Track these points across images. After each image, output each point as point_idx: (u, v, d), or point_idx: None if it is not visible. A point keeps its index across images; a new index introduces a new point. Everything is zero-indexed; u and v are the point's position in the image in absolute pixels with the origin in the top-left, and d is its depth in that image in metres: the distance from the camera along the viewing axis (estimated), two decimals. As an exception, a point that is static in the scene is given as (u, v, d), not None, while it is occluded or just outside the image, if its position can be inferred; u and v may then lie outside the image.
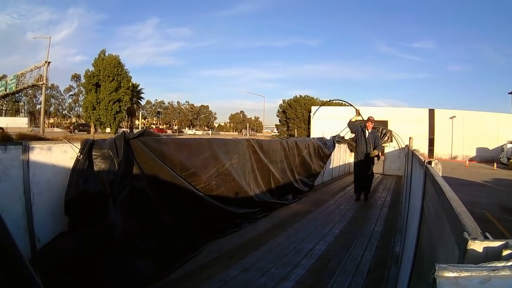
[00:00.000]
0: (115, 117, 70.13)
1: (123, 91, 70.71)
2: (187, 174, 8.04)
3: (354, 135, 15.08)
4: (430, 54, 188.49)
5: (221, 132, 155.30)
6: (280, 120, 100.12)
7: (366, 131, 13.89)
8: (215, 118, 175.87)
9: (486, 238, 1.09)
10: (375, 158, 14.05)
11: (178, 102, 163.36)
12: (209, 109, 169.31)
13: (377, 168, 25.71)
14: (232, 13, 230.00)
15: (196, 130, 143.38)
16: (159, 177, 7.33)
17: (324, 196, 14.38)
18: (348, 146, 24.66)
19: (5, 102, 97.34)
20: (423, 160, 4.08)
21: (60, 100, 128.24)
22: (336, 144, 20.22)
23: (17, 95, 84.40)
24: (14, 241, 1.42)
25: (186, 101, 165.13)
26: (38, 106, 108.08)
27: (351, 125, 14.35)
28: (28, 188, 5.05)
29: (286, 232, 8.73)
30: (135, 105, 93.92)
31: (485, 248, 1.04)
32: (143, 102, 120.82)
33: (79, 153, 5.65)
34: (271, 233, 8.59)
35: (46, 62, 57.32)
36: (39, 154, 5.29)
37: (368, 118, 14.02)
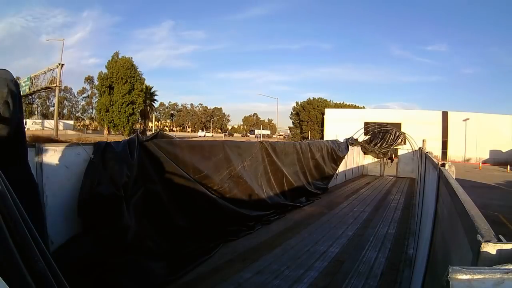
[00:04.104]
0: (129, 119, 70.22)
1: (136, 93, 70.77)
2: (200, 177, 8.04)
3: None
4: (443, 57, 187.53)
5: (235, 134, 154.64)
6: (293, 123, 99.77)
7: None
8: (228, 121, 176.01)
9: (499, 241, 1.08)
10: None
11: (191, 105, 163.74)
12: (223, 112, 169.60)
13: (391, 170, 25.70)
14: (246, 16, 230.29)
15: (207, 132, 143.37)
16: (172, 180, 7.34)
17: (337, 199, 14.35)
18: (361, 149, 24.67)
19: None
20: (436, 163, 4.05)
21: (74, 103, 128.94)
22: (350, 147, 20.23)
23: (30, 97, 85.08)
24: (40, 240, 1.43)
25: (200, 104, 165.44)
26: (51, 108, 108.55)
27: None
28: (41, 190, 5.08)
29: (300, 235, 8.72)
30: (148, 108, 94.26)
31: (499, 251, 1.03)
32: (156, 105, 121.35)
33: (92, 156, 5.68)
34: (284, 236, 8.58)
35: (59, 64, 57.68)
36: (53, 156, 5.32)
37: None
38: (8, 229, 1.29)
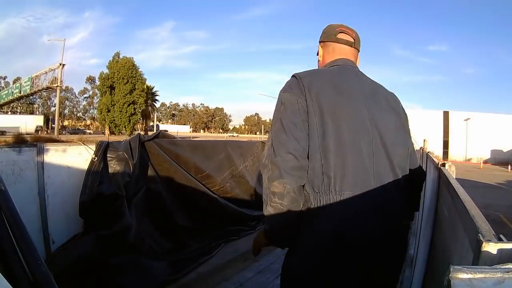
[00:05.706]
0: (130, 119, 70.18)
1: (138, 93, 70.74)
2: (202, 176, 8.05)
3: None
4: (445, 57, 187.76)
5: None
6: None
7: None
8: (230, 121, 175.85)
9: (500, 240, 1.08)
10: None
11: (193, 105, 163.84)
12: (224, 112, 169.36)
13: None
14: (247, 17, 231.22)
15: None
16: (174, 179, 7.35)
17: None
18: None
19: (19, 104, 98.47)
20: (437, 163, 4.06)
21: (75, 103, 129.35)
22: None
23: (31, 97, 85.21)
24: (33, 242, 1.43)
25: (201, 104, 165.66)
26: (52, 108, 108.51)
27: None
28: (42, 189, 5.09)
29: (301, 234, 8.68)
30: (149, 108, 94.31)
31: (499, 250, 1.03)
32: (158, 105, 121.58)
33: (94, 155, 5.69)
34: (285, 235, 8.53)
35: (60, 64, 57.85)
36: (54, 155, 5.34)
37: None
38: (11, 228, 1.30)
